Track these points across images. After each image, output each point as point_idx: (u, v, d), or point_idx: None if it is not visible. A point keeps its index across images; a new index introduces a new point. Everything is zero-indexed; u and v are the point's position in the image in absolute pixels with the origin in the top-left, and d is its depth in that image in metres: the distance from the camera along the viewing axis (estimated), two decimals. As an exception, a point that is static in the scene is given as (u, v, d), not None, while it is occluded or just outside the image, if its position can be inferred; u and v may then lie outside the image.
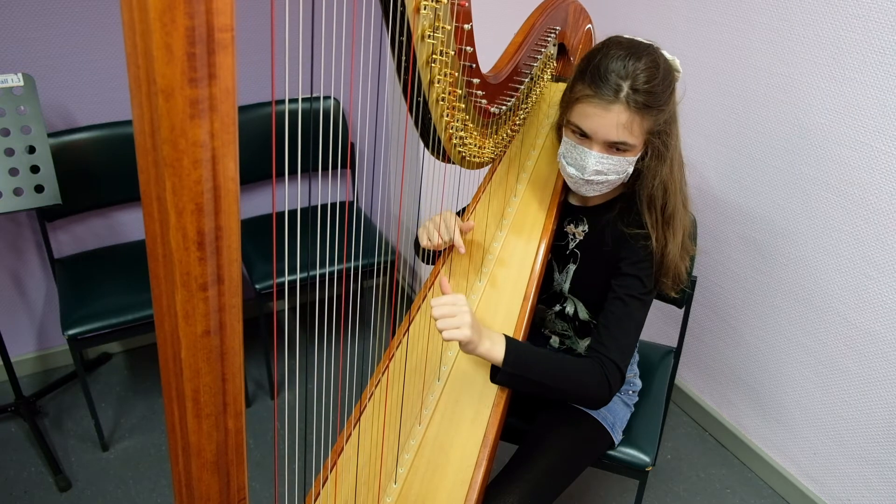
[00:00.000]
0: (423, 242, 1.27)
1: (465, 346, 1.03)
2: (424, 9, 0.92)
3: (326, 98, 2.20)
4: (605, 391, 1.14)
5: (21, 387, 1.97)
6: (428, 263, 1.31)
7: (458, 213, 1.43)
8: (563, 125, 1.20)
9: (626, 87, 1.07)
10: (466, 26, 0.99)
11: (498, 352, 1.05)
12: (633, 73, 1.07)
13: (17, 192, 1.63)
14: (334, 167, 2.33)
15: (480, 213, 1.35)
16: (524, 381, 1.08)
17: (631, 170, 1.16)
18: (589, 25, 1.58)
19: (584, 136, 1.14)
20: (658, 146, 1.14)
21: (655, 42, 1.15)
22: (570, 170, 1.18)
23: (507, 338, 1.07)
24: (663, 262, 1.20)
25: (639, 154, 1.15)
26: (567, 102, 1.17)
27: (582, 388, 1.14)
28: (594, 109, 1.10)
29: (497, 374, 1.07)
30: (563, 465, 1.26)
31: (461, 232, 1.26)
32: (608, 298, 1.21)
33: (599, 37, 1.20)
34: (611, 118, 1.09)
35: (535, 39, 1.28)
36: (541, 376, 1.09)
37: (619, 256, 1.22)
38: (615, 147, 1.13)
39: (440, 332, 1.01)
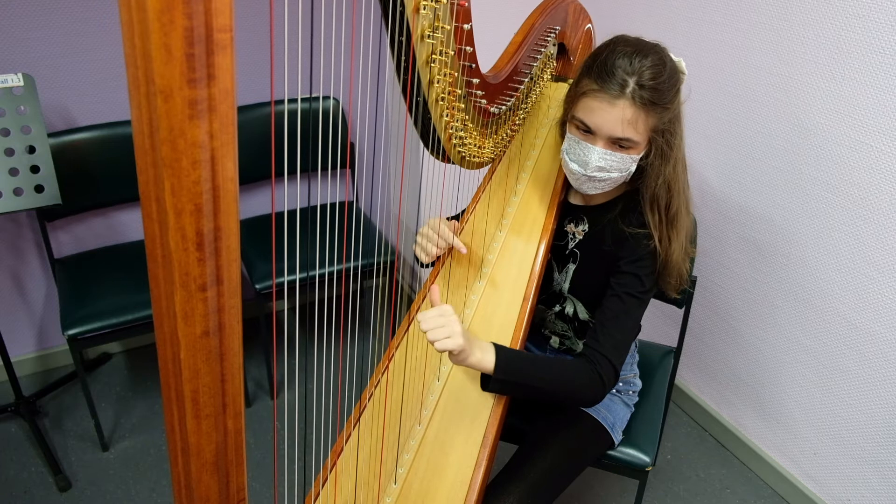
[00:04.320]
0: (423, 259, 1.27)
1: (456, 358, 1.02)
2: (424, 9, 0.92)
3: (326, 98, 2.20)
4: (599, 389, 1.14)
5: (21, 387, 1.97)
6: (428, 268, 1.31)
7: (457, 216, 1.43)
8: (567, 121, 1.20)
9: (632, 82, 1.07)
10: (466, 26, 0.99)
11: (488, 360, 1.04)
12: (639, 70, 1.07)
13: (17, 192, 1.63)
14: (334, 167, 2.33)
15: (480, 213, 1.35)
16: (516, 387, 1.08)
17: (633, 168, 1.16)
18: (589, 25, 1.58)
19: (587, 131, 1.14)
20: (662, 145, 1.14)
21: (662, 43, 1.15)
22: (573, 166, 1.18)
23: (496, 346, 1.07)
24: (667, 263, 1.20)
25: (642, 152, 1.15)
26: (572, 97, 1.17)
27: (575, 388, 1.14)
28: (599, 104, 1.10)
29: (489, 382, 1.07)
30: (562, 465, 1.26)
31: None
32: (606, 295, 1.21)
33: (599, 36, 1.20)
34: (616, 113, 1.09)
35: (534, 39, 1.28)
36: (532, 381, 1.09)
37: (618, 255, 1.22)
38: (619, 143, 1.13)
39: (431, 343, 1.00)
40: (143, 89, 0.46)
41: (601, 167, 1.15)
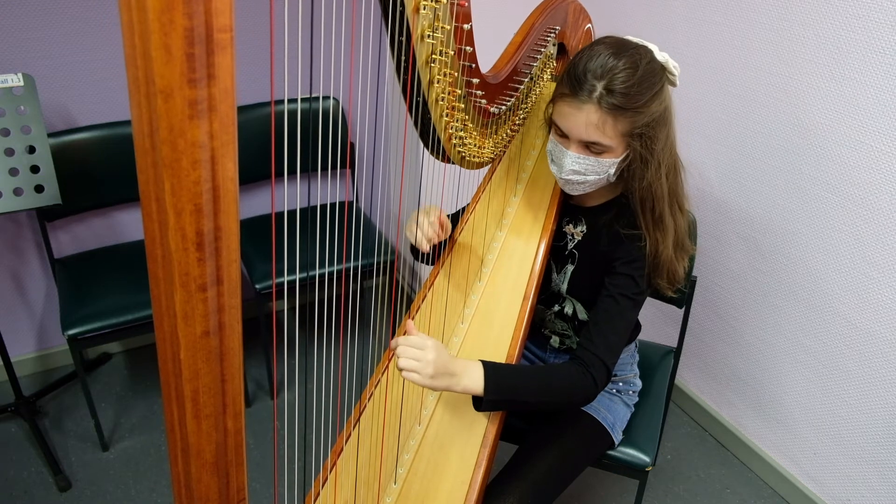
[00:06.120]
0: (424, 246, 1.24)
1: (436, 388, 1.02)
2: (424, 9, 0.92)
3: (326, 98, 2.20)
4: (592, 391, 1.14)
5: (21, 387, 1.97)
6: (425, 263, 1.31)
7: (456, 214, 1.43)
8: (550, 123, 1.21)
9: (599, 87, 1.07)
10: (466, 26, 0.99)
11: (477, 384, 1.03)
12: (609, 74, 1.07)
13: (17, 192, 1.63)
14: (334, 167, 2.33)
15: (480, 213, 1.35)
16: (509, 404, 1.08)
17: (612, 171, 1.16)
18: (589, 25, 1.58)
19: (563, 135, 1.15)
20: (638, 149, 1.12)
21: (650, 44, 1.15)
22: (553, 167, 1.20)
23: (484, 365, 1.05)
24: (656, 263, 1.20)
25: (620, 156, 1.14)
26: (552, 100, 1.18)
27: (568, 395, 1.14)
28: (569, 109, 1.11)
29: (481, 403, 1.05)
30: (563, 465, 1.26)
31: (441, 227, 1.24)
32: (600, 296, 1.21)
33: (599, 36, 1.20)
34: (581, 117, 1.09)
35: (534, 39, 1.28)
36: (525, 395, 1.09)
37: (614, 256, 1.22)
38: (590, 147, 1.13)
39: (400, 369, 1.00)
40: (144, 89, 0.46)
41: (575, 171, 1.15)
